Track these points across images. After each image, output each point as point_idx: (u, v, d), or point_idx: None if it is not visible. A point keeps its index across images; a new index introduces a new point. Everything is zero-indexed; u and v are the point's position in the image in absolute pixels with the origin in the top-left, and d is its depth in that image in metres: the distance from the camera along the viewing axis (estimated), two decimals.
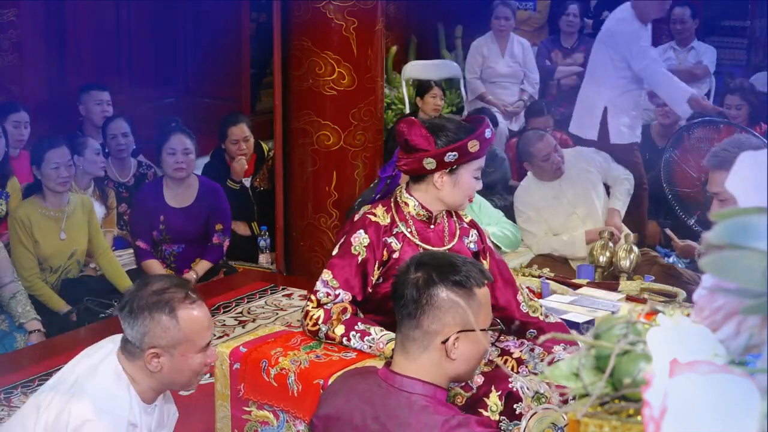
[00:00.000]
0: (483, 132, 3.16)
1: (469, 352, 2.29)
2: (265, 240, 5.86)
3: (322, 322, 3.13)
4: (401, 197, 3.25)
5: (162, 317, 2.48)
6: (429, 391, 2.26)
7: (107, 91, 6.24)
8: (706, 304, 1.13)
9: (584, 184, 5.66)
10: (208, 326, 2.56)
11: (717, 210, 1.14)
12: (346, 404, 2.33)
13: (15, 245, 4.91)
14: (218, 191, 5.55)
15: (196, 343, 2.52)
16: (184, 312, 2.49)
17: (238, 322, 5.00)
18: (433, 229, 3.25)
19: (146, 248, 5.36)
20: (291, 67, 5.51)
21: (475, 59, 7.89)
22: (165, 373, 2.52)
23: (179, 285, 2.55)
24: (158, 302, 2.48)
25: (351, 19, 5.37)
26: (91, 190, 5.51)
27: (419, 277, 2.31)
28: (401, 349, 2.32)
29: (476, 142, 3.13)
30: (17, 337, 4.64)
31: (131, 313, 2.50)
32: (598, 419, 1.21)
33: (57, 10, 6.65)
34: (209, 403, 3.45)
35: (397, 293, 2.33)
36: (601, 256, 5.08)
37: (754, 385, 1.01)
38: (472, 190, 3.23)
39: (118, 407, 2.48)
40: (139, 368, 2.52)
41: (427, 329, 2.27)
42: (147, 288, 2.54)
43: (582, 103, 6.12)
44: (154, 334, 2.48)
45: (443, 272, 2.31)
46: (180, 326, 2.48)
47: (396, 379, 2.28)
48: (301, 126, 5.53)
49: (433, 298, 2.27)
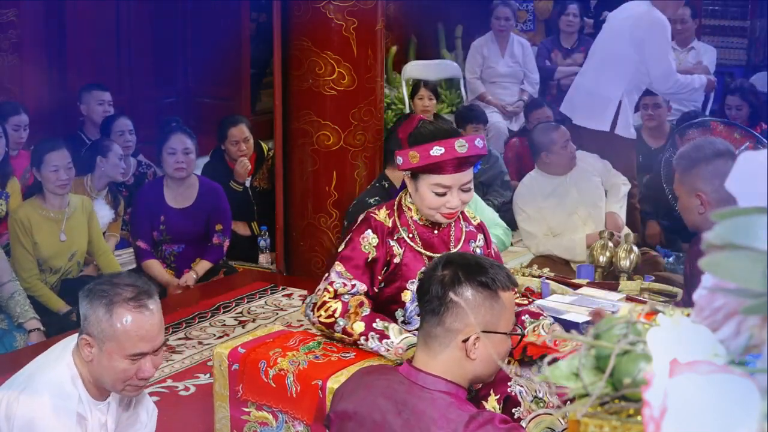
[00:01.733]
0: (452, 142, 2.99)
1: (489, 354, 2.29)
2: (265, 240, 5.86)
3: (339, 315, 3.04)
4: (405, 201, 3.18)
5: (99, 308, 2.46)
6: (452, 389, 2.27)
7: (108, 91, 6.24)
8: (706, 304, 1.13)
9: (588, 185, 5.65)
10: (144, 337, 2.47)
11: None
12: (365, 400, 2.33)
13: (15, 246, 4.91)
14: (218, 191, 5.54)
15: (124, 347, 2.45)
16: (121, 311, 2.45)
17: (238, 322, 5.00)
18: (438, 234, 3.18)
19: (146, 248, 5.36)
20: (291, 67, 5.51)
21: (475, 59, 7.90)
22: (95, 366, 2.49)
23: (137, 287, 2.50)
24: (103, 292, 2.47)
25: (351, 19, 5.36)
26: (104, 193, 5.51)
27: (446, 274, 2.31)
28: (423, 345, 2.33)
29: (441, 148, 2.97)
30: (17, 336, 4.64)
31: (84, 294, 2.50)
32: (598, 419, 1.21)
33: (57, 10, 6.65)
34: (208, 403, 3.45)
35: (423, 289, 2.34)
36: (601, 256, 5.08)
37: (754, 385, 1.01)
38: (434, 204, 3.05)
39: (67, 399, 2.47)
40: (80, 358, 2.52)
41: (449, 327, 2.28)
42: (110, 279, 2.54)
43: (592, 95, 6.04)
44: (90, 321, 2.47)
45: (470, 272, 2.32)
46: (111, 322, 2.45)
47: (419, 376, 2.29)
48: (301, 126, 5.52)
49: (458, 296, 2.28)
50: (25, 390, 2.46)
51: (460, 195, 3.05)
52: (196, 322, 4.97)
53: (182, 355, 4.58)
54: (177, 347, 4.66)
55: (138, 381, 2.51)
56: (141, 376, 2.50)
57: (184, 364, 4.50)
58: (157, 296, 2.56)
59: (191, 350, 4.64)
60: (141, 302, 2.47)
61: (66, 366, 2.51)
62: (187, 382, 4.31)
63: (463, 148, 2.99)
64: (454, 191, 3.03)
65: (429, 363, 2.30)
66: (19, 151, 5.75)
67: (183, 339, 4.77)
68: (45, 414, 2.42)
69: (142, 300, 2.48)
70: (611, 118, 5.92)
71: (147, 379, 2.52)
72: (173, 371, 4.41)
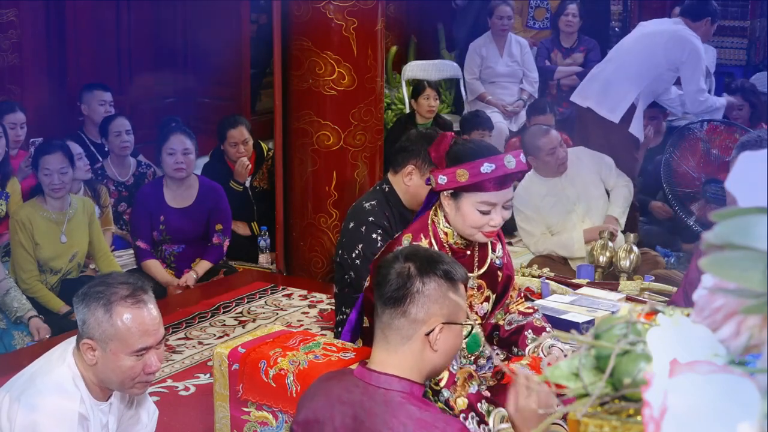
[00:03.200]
0: (501, 158, 2.94)
1: (449, 345, 2.32)
2: (265, 240, 5.86)
3: (444, 385, 2.81)
4: (440, 227, 3.08)
5: (98, 309, 2.46)
6: (406, 387, 2.27)
7: (110, 91, 6.24)
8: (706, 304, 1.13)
9: (585, 182, 5.65)
10: (146, 331, 2.48)
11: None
12: (325, 407, 2.33)
13: (15, 247, 4.90)
14: (218, 191, 5.54)
15: (128, 343, 2.46)
16: (120, 309, 2.46)
17: (238, 322, 5.00)
18: (468, 256, 3.10)
19: (146, 248, 5.36)
20: (291, 67, 5.51)
21: (474, 60, 7.90)
22: (99, 369, 2.50)
23: (131, 284, 2.51)
24: (99, 294, 2.47)
25: (351, 19, 5.36)
26: (80, 194, 5.38)
27: (409, 266, 2.32)
28: (382, 338, 2.32)
29: (492, 165, 2.91)
30: (15, 335, 4.64)
31: (78, 298, 2.50)
32: (598, 419, 1.21)
33: (57, 10, 6.65)
34: (208, 403, 3.46)
35: (383, 280, 2.33)
36: (601, 256, 5.08)
37: (754, 385, 1.01)
38: (478, 223, 2.98)
39: (68, 400, 2.47)
40: (82, 360, 2.52)
41: (414, 318, 2.29)
42: (103, 280, 2.53)
43: (610, 84, 6.03)
44: (90, 324, 2.47)
45: (432, 263, 2.34)
46: (112, 322, 2.45)
47: (372, 377, 2.29)
48: (301, 126, 5.53)
49: (425, 286, 2.29)
50: (26, 391, 2.46)
51: (502, 212, 3.00)
52: (196, 322, 4.98)
53: (182, 355, 4.58)
54: (177, 347, 4.66)
55: (145, 377, 2.52)
56: (148, 371, 2.51)
57: (184, 364, 4.50)
58: (151, 291, 2.57)
59: (191, 350, 4.64)
60: (138, 298, 2.48)
61: (67, 367, 2.51)
62: (187, 382, 4.31)
63: (512, 163, 2.95)
64: (498, 209, 2.98)
65: (387, 360, 2.29)
66: (18, 151, 5.74)
67: (183, 339, 4.77)
68: (47, 414, 2.42)
69: (138, 296, 2.49)
70: (622, 112, 5.93)
71: (154, 373, 2.53)
72: (173, 371, 4.41)
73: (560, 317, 3.67)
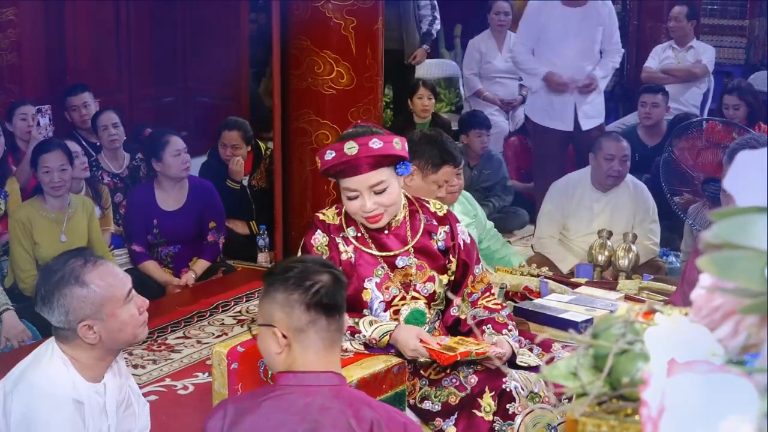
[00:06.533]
0: (341, 145, 2.94)
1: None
2: (263, 239, 5.86)
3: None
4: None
5: (74, 290, 2.46)
6: (333, 380, 2.28)
7: (88, 91, 6.15)
8: (704, 304, 1.13)
9: (622, 216, 5.41)
10: (120, 278, 2.55)
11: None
12: (266, 423, 2.24)
13: (14, 246, 4.90)
14: (209, 189, 5.53)
15: (116, 296, 2.50)
16: (90, 276, 2.48)
17: (236, 321, 5.00)
18: (389, 234, 3.11)
19: (141, 251, 5.35)
20: (290, 66, 5.51)
21: (473, 56, 7.90)
22: (105, 340, 2.51)
23: (77, 255, 2.55)
24: (63, 278, 2.47)
25: (350, 18, 5.36)
26: (82, 194, 5.38)
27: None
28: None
29: (332, 152, 2.94)
30: None
31: (44, 301, 2.49)
32: (596, 418, 1.21)
33: (57, 10, 6.65)
34: (207, 402, 3.45)
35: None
36: (600, 255, 5.07)
37: (752, 385, 1.01)
38: (352, 209, 3.01)
39: (59, 387, 2.47)
40: (78, 347, 2.51)
41: None
42: (47, 273, 2.54)
43: None
44: (76, 308, 2.46)
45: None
46: (93, 289, 2.47)
47: (297, 377, 2.28)
48: (300, 125, 5.52)
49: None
50: (18, 385, 2.47)
51: (373, 197, 2.98)
52: (195, 321, 4.98)
53: (181, 354, 4.59)
54: (176, 346, 4.66)
55: (143, 316, 2.58)
56: (142, 309, 2.57)
57: (182, 363, 4.50)
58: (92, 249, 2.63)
59: (190, 349, 4.64)
60: (93, 259, 2.52)
61: (56, 355, 2.52)
62: (185, 381, 4.31)
63: (353, 149, 2.93)
64: (366, 194, 2.97)
65: (306, 358, 2.28)
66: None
67: (182, 338, 4.77)
68: (40, 404, 2.43)
69: (92, 258, 2.52)
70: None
71: (146, 309, 2.60)
72: (172, 370, 4.41)
73: (559, 316, 3.67)
